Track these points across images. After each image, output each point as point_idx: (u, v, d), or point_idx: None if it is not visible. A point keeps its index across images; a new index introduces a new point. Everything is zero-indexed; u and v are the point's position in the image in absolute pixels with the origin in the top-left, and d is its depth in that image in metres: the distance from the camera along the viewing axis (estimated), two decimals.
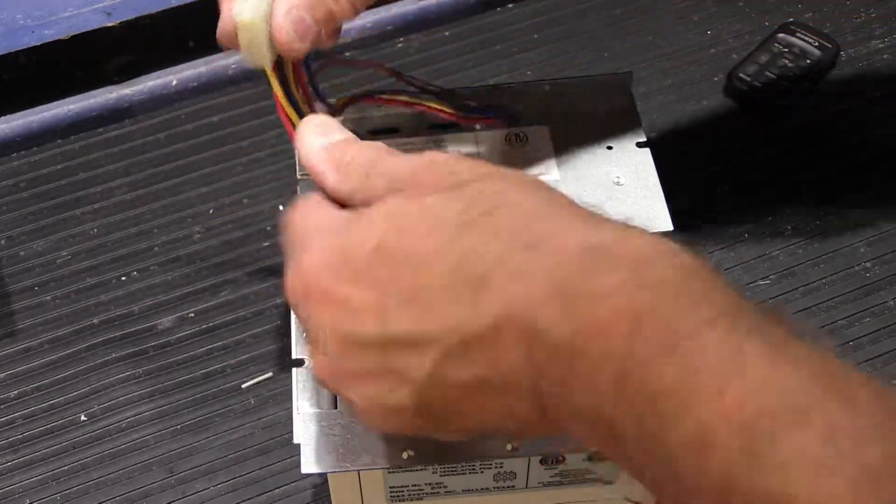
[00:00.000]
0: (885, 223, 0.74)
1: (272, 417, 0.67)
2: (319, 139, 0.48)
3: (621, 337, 0.36)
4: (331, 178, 0.46)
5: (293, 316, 0.51)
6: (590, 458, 0.53)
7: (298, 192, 0.60)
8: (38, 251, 0.75)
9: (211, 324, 0.71)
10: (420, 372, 0.40)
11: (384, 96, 0.60)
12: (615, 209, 0.60)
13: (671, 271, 0.37)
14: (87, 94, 0.83)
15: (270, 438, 0.66)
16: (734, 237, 0.73)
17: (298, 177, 0.61)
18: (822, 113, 0.80)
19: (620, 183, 0.62)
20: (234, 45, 0.51)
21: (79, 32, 0.81)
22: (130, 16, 0.82)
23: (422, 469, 0.53)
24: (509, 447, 0.50)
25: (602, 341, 0.36)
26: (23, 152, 0.81)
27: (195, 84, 0.85)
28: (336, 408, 0.52)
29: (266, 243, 0.75)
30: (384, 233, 0.41)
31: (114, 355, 0.70)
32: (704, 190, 0.76)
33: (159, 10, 0.82)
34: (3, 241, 0.76)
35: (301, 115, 0.52)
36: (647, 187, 0.61)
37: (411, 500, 0.55)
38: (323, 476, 0.58)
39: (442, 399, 0.41)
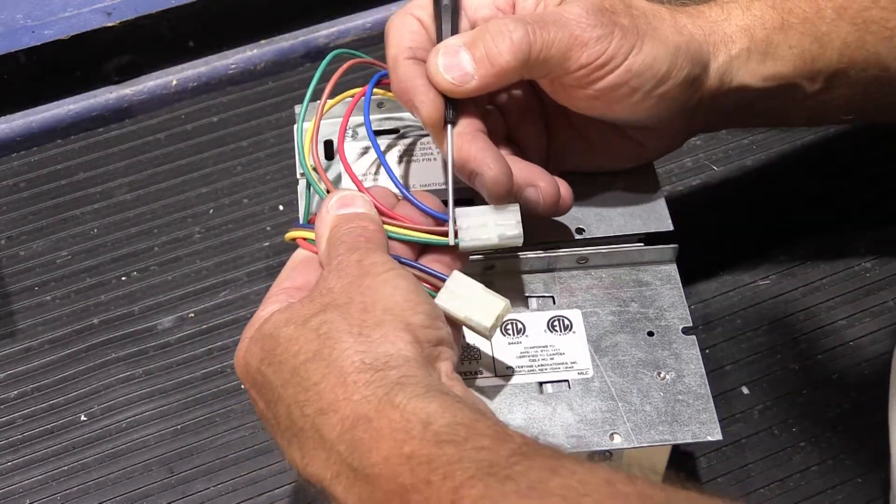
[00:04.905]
0: (885, 223, 0.74)
1: None
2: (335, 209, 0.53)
3: None
4: (320, 247, 0.52)
5: None
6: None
7: (298, 189, 0.60)
8: (38, 251, 0.75)
9: (211, 324, 0.71)
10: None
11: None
12: (615, 210, 0.60)
13: (425, 446, 0.43)
14: (87, 94, 0.83)
15: (270, 438, 0.66)
16: (734, 238, 0.73)
17: (298, 176, 0.61)
18: None
19: (619, 184, 0.62)
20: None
21: (79, 32, 0.81)
22: (130, 16, 0.82)
23: None
24: None
25: None
26: (23, 152, 0.82)
27: (195, 84, 0.85)
28: None
29: (266, 243, 0.75)
30: (262, 351, 0.49)
31: (114, 355, 0.70)
32: (704, 190, 0.77)
33: (159, 10, 0.82)
34: (3, 241, 0.76)
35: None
36: (647, 188, 0.62)
37: None
38: None
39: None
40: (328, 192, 0.55)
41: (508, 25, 0.53)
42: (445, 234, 0.53)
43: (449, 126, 0.54)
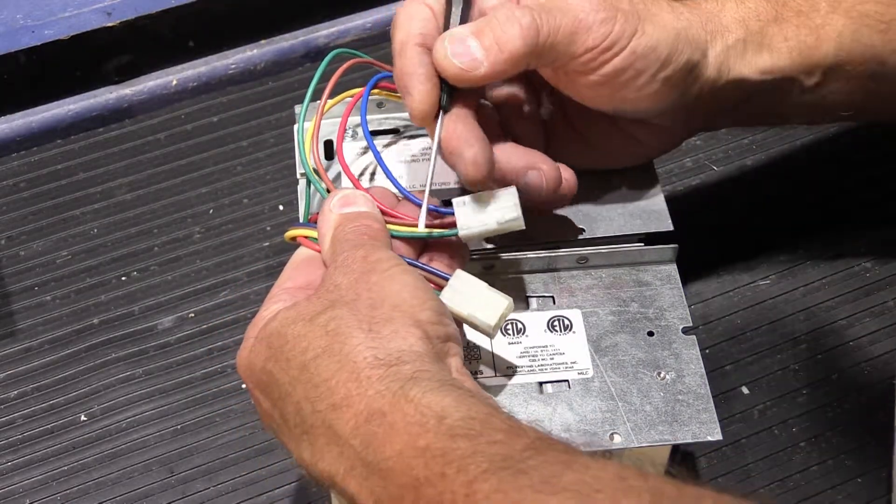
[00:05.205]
0: (885, 223, 0.74)
1: None
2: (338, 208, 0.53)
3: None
4: (323, 246, 0.53)
5: None
6: None
7: (298, 189, 0.60)
8: (38, 251, 0.75)
9: (211, 324, 0.71)
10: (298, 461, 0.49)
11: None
12: (615, 210, 0.60)
13: (440, 440, 0.43)
14: (87, 94, 0.83)
15: (270, 438, 0.66)
16: (734, 238, 0.73)
17: (298, 176, 0.61)
18: None
19: (619, 184, 0.62)
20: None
21: (79, 32, 0.81)
22: (130, 16, 0.82)
23: None
24: None
25: None
26: (23, 152, 0.82)
27: (195, 84, 0.85)
28: None
29: (266, 243, 0.75)
30: (268, 350, 0.49)
31: (114, 355, 0.70)
32: (704, 190, 0.77)
33: (159, 10, 0.82)
34: (3, 241, 0.76)
35: None
36: (647, 188, 0.62)
37: None
38: None
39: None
40: (329, 191, 0.55)
41: (515, 12, 0.53)
42: (447, 227, 0.53)
43: (441, 112, 0.54)
